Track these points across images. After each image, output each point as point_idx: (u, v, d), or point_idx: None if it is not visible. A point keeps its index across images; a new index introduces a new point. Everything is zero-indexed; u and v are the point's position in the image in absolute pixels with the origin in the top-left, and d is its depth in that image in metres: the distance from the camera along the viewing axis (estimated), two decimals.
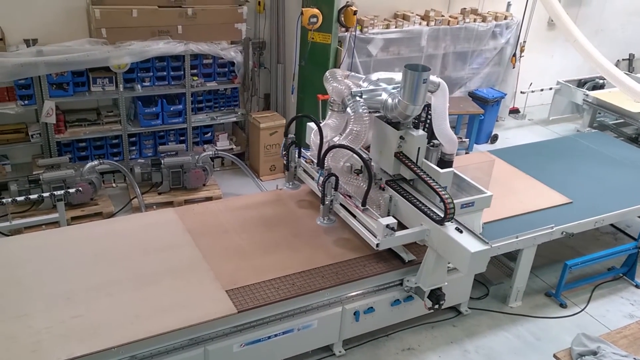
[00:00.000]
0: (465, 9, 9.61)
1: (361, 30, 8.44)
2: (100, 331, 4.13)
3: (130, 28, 7.14)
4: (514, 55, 10.14)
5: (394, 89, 5.12)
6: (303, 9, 7.55)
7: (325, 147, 5.25)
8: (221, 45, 7.73)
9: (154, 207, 7.18)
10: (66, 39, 6.97)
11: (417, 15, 9.05)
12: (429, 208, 4.94)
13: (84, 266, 4.80)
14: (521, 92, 10.72)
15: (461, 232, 4.72)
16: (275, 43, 8.43)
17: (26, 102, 6.98)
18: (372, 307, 5.13)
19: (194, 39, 7.49)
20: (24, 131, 7.26)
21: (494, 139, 9.91)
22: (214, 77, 7.99)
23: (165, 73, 7.61)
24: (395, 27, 8.79)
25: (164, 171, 7.36)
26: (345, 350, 5.33)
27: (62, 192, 6.25)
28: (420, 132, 5.10)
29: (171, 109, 7.73)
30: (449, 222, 4.78)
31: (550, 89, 10.75)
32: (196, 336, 4.34)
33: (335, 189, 5.19)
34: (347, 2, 7.87)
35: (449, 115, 5.19)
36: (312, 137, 5.68)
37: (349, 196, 5.25)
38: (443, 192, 4.75)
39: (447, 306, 5.82)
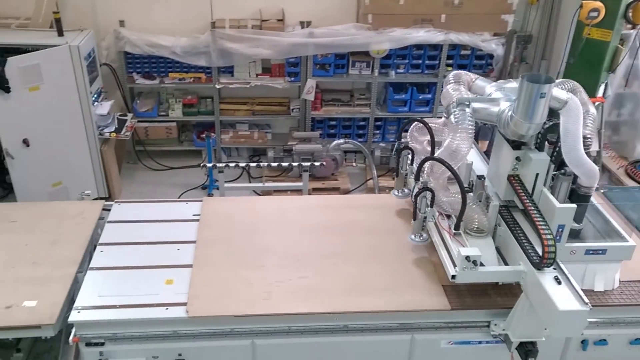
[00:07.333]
0: None
1: None
2: (321, 295, 4.37)
3: (395, 15, 7.37)
4: None
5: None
6: (583, 1, 6.89)
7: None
8: (483, 36, 7.52)
9: (387, 190, 7.34)
10: (335, 22, 7.49)
11: None
12: (532, 247, 4.01)
13: (316, 234, 5.12)
14: None
15: (559, 282, 3.77)
16: (543, 37, 7.93)
17: (292, 79, 7.70)
18: None
19: (455, 29, 7.42)
20: (286, 105, 8.05)
21: None
22: (469, 68, 7.84)
23: (420, 61, 7.70)
24: None
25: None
26: None
27: (309, 164, 6.77)
28: (542, 154, 4.13)
29: (420, 97, 7.79)
30: (548, 268, 3.85)
31: None
32: (406, 322, 4.35)
33: (431, 205, 4.46)
34: None
35: None
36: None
37: (449, 216, 4.50)
38: (544, 228, 3.81)
39: None
